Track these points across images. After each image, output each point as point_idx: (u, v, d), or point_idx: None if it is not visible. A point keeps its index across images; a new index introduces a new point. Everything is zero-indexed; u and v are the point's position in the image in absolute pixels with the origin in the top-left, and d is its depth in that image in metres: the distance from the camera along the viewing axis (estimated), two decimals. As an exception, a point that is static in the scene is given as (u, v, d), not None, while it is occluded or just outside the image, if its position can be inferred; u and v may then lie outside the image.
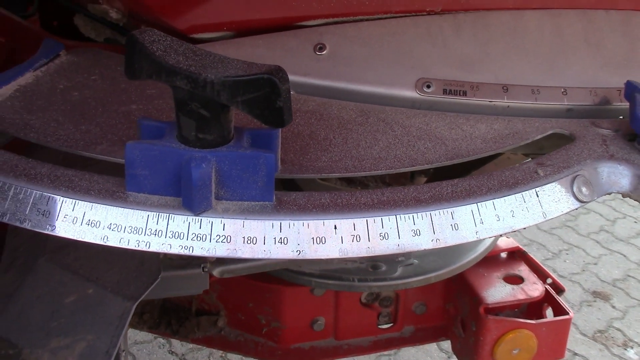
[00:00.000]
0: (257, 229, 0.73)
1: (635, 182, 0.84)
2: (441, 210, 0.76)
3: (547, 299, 1.62)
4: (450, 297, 1.66)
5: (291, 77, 0.98)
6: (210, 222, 0.73)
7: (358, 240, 0.74)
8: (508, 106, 0.96)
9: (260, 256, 0.72)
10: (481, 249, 1.57)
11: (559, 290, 1.67)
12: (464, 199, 0.78)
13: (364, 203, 0.76)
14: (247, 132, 0.77)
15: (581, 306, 2.40)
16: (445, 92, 0.95)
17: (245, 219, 0.73)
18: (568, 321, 1.60)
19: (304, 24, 0.96)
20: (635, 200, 0.86)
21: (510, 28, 0.97)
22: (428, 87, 0.96)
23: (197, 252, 0.72)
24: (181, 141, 0.75)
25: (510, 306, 1.60)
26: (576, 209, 0.82)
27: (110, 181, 0.76)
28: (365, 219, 0.74)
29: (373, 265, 1.51)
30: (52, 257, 1.08)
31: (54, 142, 0.81)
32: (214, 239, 0.72)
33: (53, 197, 0.73)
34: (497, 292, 1.59)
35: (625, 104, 0.94)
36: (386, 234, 0.75)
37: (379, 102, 0.96)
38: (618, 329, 2.38)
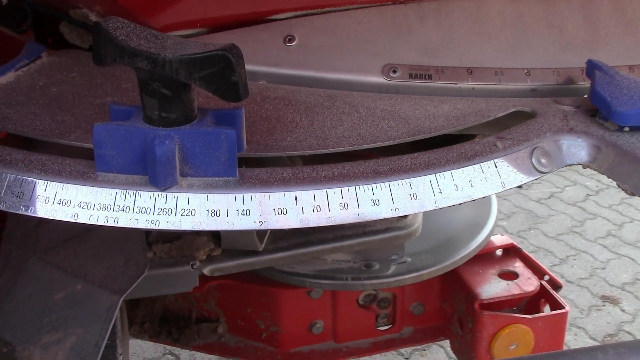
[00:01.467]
0: (221, 202, 0.76)
1: (593, 153, 0.87)
2: (400, 181, 0.79)
3: (543, 294, 1.63)
4: (447, 296, 1.67)
5: (262, 68, 1.03)
6: (176, 197, 0.76)
7: (318, 210, 0.77)
8: (473, 88, 0.99)
9: (223, 227, 0.75)
10: (474, 245, 1.58)
11: (556, 286, 1.68)
12: (422, 170, 0.81)
13: (324, 176, 0.79)
14: (211, 113, 0.81)
15: (590, 311, 2.38)
16: (411, 76, 0.99)
17: (209, 193, 0.76)
18: (564, 315, 1.60)
19: (274, 17, 1.01)
20: (595, 170, 0.88)
21: (473, 14, 1.00)
22: (394, 72, 0.99)
23: (163, 226, 0.75)
24: (146, 121, 0.79)
25: (506, 302, 1.61)
26: (535, 179, 0.85)
27: (81, 163, 0.80)
28: (325, 190, 0.77)
29: (366, 264, 1.53)
30: (43, 257, 1.12)
31: (30, 131, 0.86)
32: (179, 212, 0.76)
33: (26, 179, 0.77)
34: (492, 288, 1.60)
35: (588, 83, 0.97)
36: (346, 204, 0.77)
37: (348, 89, 0.99)
38: (628, 333, 2.36)
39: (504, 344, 1.58)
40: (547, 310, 1.65)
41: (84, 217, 0.76)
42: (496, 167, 0.83)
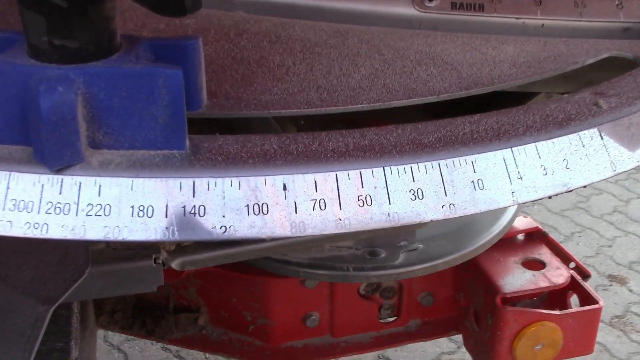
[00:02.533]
0: (156, 194, 0.40)
1: None
2: (456, 159, 0.43)
3: (573, 286, 1.27)
4: (461, 286, 1.31)
5: (240, -8, 0.66)
6: (78, 184, 0.40)
7: (322, 207, 0.41)
8: (542, 24, 0.62)
9: (158, 238, 0.39)
10: (497, 229, 1.23)
11: (584, 275, 1.32)
12: (490, 141, 0.45)
13: (332, 149, 0.43)
14: (146, 43, 0.44)
15: (597, 291, 2.05)
16: (454, 6, 0.62)
17: (137, 177, 0.40)
18: (598, 311, 1.25)
19: None
20: None
21: None
22: (430, 0, 0.62)
23: (55, 233, 0.39)
24: (31, 55, 0.42)
25: (530, 295, 1.26)
26: (660, 156, 0.49)
27: None
28: (334, 174, 0.41)
29: (371, 252, 1.16)
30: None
31: None
32: (83, 210, 0.40)
33: None
34: (516, 279, 1.24)
35: None
36: (368, 198, 0.42)
37: (362, 23, 0.62)
38: (636, 314, 2.03)
39: (529, 344, 1.22)
40: (575, 304, 1.30)
41: None
42: (602, 137, 0.47)
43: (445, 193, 0.42)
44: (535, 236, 1.36)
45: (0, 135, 0.41)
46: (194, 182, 0.40)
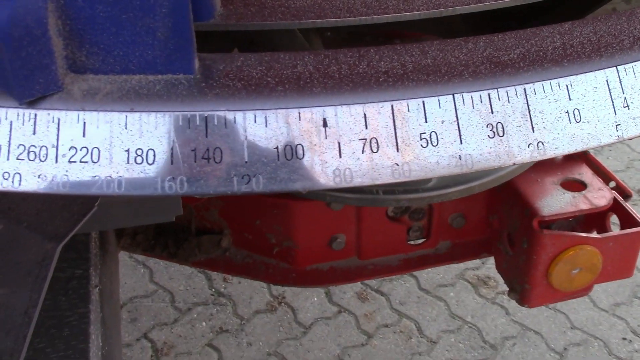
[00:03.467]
0: (158, 133, 0.30)
1: None
2: (546, 83, 0.32)
3: (614, 208, 1.17)
4: (495, 208, 1.22)
5: None
6: (56, 121, 0.30)
7: (374, 149, 0.30)
8: None
9: (161, 192, 0.29)
10: (536, 149, 1.11)
11: (626, 195, 1.22)
12: (589, 58, 0.33)
13: (385, 72, 0.32)
14: None
15: (626, 206, 1.95)
16: None
17: (132, 110, 0.30)
18: (639, 234, 1.16)
19: None
20: None
21: None
22: None
23: (30, 185, 0.29)
24: None
25: (568, 218, 1.16)
26: None
27: None
28: (389, 104, 0.30)
29: (401, 174, 1.06)
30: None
31: None
32: (64, 156, 0.30)
33: None
34: (555, 201, 1.14)
35: None
36: (433, 135, 0.31)
37: None
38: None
39: (566, 269, 1.14)
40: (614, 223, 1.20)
41: None
42: None
43: (533, 128, 0.31)
44: (575, 155, 1.25)
45: (-48, 56, 0.30)
46: (206, 117, 0.29)
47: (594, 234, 1.14)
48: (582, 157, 1.25)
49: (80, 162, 0.29)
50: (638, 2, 0.55)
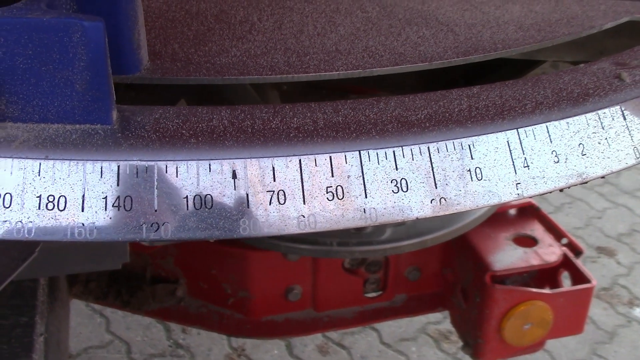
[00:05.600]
0: (70, 181, 0.31)
1: None
2: (449, 142, 0.34)
3: (565, 264, 1.20)
4: (449, 261, 1.24)
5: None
6: None
7: (281, 201, 0.32)
8: (553, -19, 0.52)
9: (72, 237, 0.30)
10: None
11: (577, 252, 1.25)
12: (492, 120, 0.36)
13: (296, 127, 0.33)
14: None
15: (585, 262, 1.98)
16: None
17: (46, 158, 0.31)
18: (590, 290, 1.18)
19: None
20: None
21: None
22: None
23: None
24: None
25: (519, 273, 1.18)
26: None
27: None
28: (297, 158, 0.32)
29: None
30: None
31: None
32: None
33: None
34: (507, 256, 1.17)
35: None
36: (339, 190, 0.32)
37: None
38: (623, 287, 1.97)
39: (518, 323, 1.15)
40: (565, 281, 1.22)
41: None
42: (624, 117, 0.38)
43: (436, 184, 0.33)
44: (528, 211, 1.28)
45: None
46: (118, 167, 0.30)
47: (546, 290, 1.16)
48: (534, 214, 1.29)
49: (-9, 207, 0.30)
50: (565, 66, 0.58)
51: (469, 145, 0.34)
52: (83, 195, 0.30)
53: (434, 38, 0.43)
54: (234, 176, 0.31)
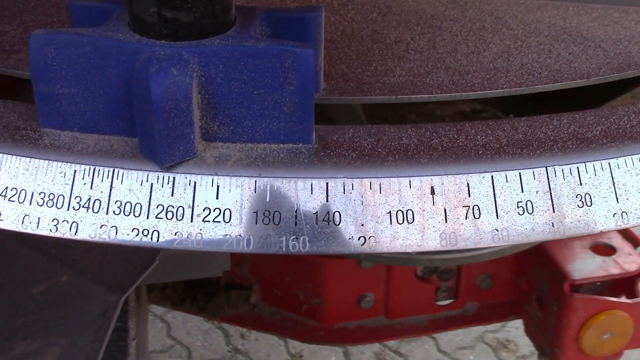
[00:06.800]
0: (283, 197, 0.33)
1: None
2: (627, 158, 0.36)
3: (643, 273, 1.19)
4: (523, 270, 1.24)
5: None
6: (192, 184, 0.33)
7: (476, 216, 0.34)
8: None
9: (286, 250, 0.33)
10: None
11: (654, 260, 1.24)
12: None
13: (482, 145, 0.36)
14: (263, 16, 0.37)
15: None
16: None
17: (260, 176, 0.33)
18: (669, 300, 1.17)
19: None
20: None
21: None
22: None
23: (166, 242, 0.33)
24: (135, 29, 0.35)
25: (598, 282, 1.18)
26: None
27: (16, 110, 0.37)
28: (489, 175, 0.34)
29: (434, 233, 1.09)
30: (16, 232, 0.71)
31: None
32: (198, 215, 0.33)
33: None
34: (585, 265, 1.17)
35: None
36: (529, 204, 0.34)
37: None
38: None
39: (597, 334, 1.15)
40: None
41: (10, 220, 0.34)
42: None
43: (617, 199, 0.35)
44: (604, 219, 1.28)
45: (99, 124, 0.34)
46: (327, 184, 0.33)
47: (625, 299, 1.16)
48: (610, 222, 1.28)
49: (214, 221, 0.32)
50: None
51: (646, 160, 0.36)
52: (296, 211, 0.32)
53: (584, 54, 0.45)
54: (433, 192, 0.33)
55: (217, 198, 0.33)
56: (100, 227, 0.33)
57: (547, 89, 0.40)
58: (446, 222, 0.33)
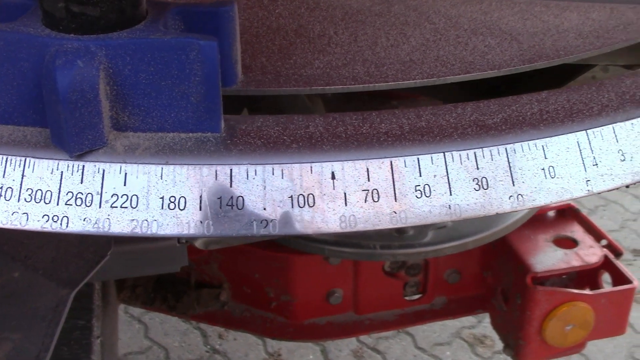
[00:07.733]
0: (189, 183, 0.35)
1: None
2: (524, 144, 0.38)
3: (605, 265, 1.22)
4: (489, 264, 1.26)
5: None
6: (101, 172, 0.35)
7: (375, 199, 0.36)
8: (606, -11, 0.56)
9: (191, 232, 0.34)
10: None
11: (617, 253, 1.27)
12: (562, 123, 0.39)
13: (385, 132, 0.37)
14: (174, 10, 0.39)
15: (620, 266, 1.99)
16: None
17: (167, 163, 0.35)
18: (631, 291, 1.20)
19: None
20: None
21: None
22: None
23: (76, 227, 0.34)
24: (46, 23, 0.37)
25: (561, 274, 1.21)
26: None
27: None
28: (388, 160, 0.36)
29: (398, 229, 1.11)
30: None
31: None
32: (107, 202, 0.35)
33: None
34: (547, 258, 1.19)
35: None
36: (427, 188, 0.36)
37: None
38: (660, 290, 1.98)
39: (559, 325, 1.18)
40: (606, 282, 1.24)
41: None
42: None
43: (513, 182, 0.37)
44: (567, 213, 1.31)
45: (13, 115, 0.36)
46: (231, 170, 0.35)
47: (587, 291, 1.18)
48: (574, 216, 1.31)
49: (121, 207, 0.34)
50: (615, 70, 0.61)
51: (543, 146, 0.37)
52: (200, 196, 0.34)
53: (499, 47, 0.47)
54: (333, 177, 0.35)
55: (124, 185, 0.34)
56: (12, 214, 0.34)
57: (457, 80, 0.42)
58: (346, 205, 0.35)
